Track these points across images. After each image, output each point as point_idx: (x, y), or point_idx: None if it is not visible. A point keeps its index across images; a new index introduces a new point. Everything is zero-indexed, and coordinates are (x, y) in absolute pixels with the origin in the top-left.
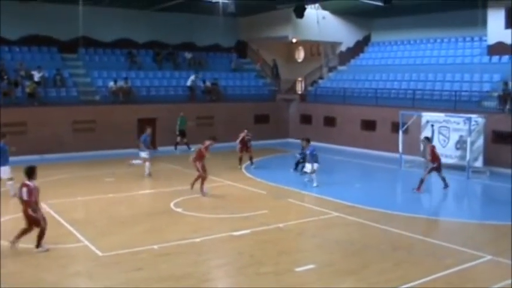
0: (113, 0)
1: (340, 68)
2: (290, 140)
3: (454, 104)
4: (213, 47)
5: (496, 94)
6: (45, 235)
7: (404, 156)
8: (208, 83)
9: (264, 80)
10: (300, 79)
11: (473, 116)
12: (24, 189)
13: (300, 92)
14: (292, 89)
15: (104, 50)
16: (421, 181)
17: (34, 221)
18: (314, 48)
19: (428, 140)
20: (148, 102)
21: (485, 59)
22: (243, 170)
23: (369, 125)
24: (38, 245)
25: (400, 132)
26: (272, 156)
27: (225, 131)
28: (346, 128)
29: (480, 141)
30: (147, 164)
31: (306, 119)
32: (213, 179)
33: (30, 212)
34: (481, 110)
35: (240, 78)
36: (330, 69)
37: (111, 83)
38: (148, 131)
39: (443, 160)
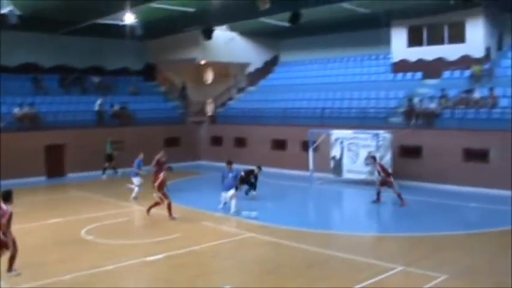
0: (17, 23)
1: (249, 88)
2: (201, 162)
3: (362, 120)
4: (121, 70)
5: (401, 110)
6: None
7: (315, 174)
8: (116, 107)
9: (173, 102)
10: (209, 101)
11: (381, 132)
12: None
13: (209, 114)
14: (201, 111)
15: (8, 74)
16: (399, 195)
17: (4, 245)
18: (223, 70)
19: (375, 159)
20: (56, 128)
21: (390, 76)
22: (154, 194)
23: (279, 145)
24: (10, 269)
25: (310, 150)
26: (184, 179)
27: (136, 155)
28: (256, 148)
29: (388, 156)
30: (136, 188)
31: (217, 141)
32: (124, 204)
33: (1, 235)
34: (387, 125)
35: (149, 101)
36: (239, 90)
37: (16, 109)
38: (141, 155)
39: (353, 176)
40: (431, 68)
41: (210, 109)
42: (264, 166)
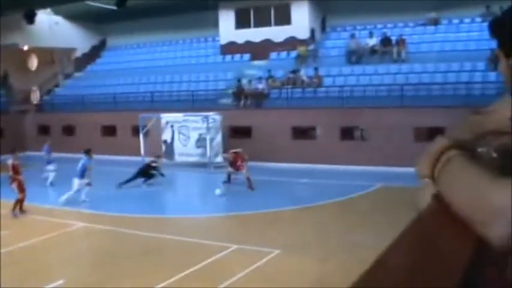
0: None
1: (76, 74)
2: (29, 153)
3: (192, 103)
4: None
5: (231, 91)
6: None
7: (147, 159)
8: None
9: None
10: (34, 88)
11: (211, 113)
12: None
13: (35, 102)
14: (26, 99)
15: None
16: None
17: None
18: (48, 55)
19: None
20: None
21: (219, 58)
22: None
23: (109, 131)
24: None
25: (141, 135)
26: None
27: None
28: (86, 135)
29: (219, 138)
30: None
31: (44, 130)
32: None
33: None
34: (218, 107)
35: None
36: (66, 77)
37: None
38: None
39: (185, 159)
40: (259, 50)
41: (35, 97)
42: (95, 153)
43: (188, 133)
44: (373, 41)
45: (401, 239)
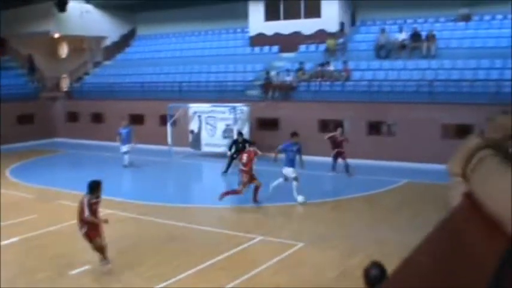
0: None
1: (106, 62)
2: (57, 139)
3: (219, 94)
4: None
5: (259, 83)
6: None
7: (174, 148)
8: None
9: (27, 78)
10: (64, 76)
11: (238, 105)
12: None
13: (65, 89)
14: (56, 86)
15: None
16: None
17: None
18: (78, 43)
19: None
20: None
21: (248, 50)
22: (8, 174)
23: (137, 119)
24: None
25: (168, 125)
26: (39, 158)
27: None
28: (114, 123)
29: (246, 129)
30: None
31: (73, 117)
32: None
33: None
34: (245, 98)
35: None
36: (96, 65)
37: None
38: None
39: (212, 150)
40: (288, 42)
41: (65, 84)
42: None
43: (215, 124)
44: (402, 36)
45: (431, 238)
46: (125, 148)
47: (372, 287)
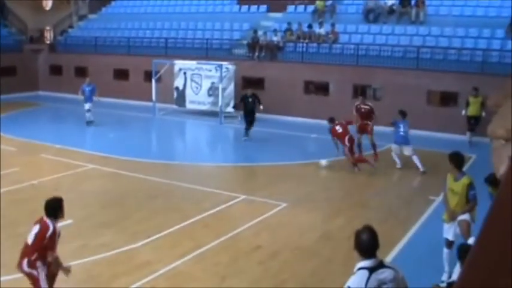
0: None
1: (90, 16)
2: (40, 92)
3: (206, 51)
4: None
5: (245, 42)
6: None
7: (158, 105)
8: None
9: (9, 29)
10: (48, 28)
11: (224, 63)
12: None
13: (48, 42)
14: (40, 38)
15: None
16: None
17: (29, 278)
18: None
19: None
20: None
21: (236, 8)
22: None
23: (121, 74)
24: None
25: (153, 81)
26: (22, 111)
27: None
28: (98, 77)
29: (231, 88)
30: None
31: (56, 70)
32: None
33: (24, 264)
34: (231, 57)
35: None
36: (80, 18)
37: None
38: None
39: (196, 107)
40: (276, 2)
41: (49, 37)
42: (106, 96)
43: (201, 81)
44: (392, 1)
45: (492, 221)
46: (87, 106)
47: (363, 252)
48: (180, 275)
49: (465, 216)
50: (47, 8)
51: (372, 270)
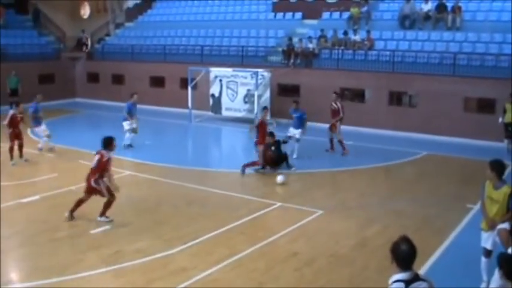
0: None
1: (127, 24)
2: (77, 99)
3: (241, 59)
4: None
5: (280, 49)
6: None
7: (194, 112)
8: None
9: (48, 37)
10: (86, 36)
11: (260, 70)
12: (96, 157)
13: (86, 50)
14: (78, 47)
15: None
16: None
17: (94, 192)
18: (100, 5)
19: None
20: None
21: (271, 15)
22: (29, 133)
23: (157, 82)
24: (103, 214)
25: (189, 88)
26: (60, 118)
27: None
28: (135, 85)
29: (267, 95)
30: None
31: (94, 78)
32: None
33: (92, 182)
34: (267, 64)
35: (21, 36)
36: (117, 26)
37: None
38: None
39: (232, 114)
40: (311, 9)
41: (88, 44)
42: (142, 104)
43: (236, 88)
44: (428, 7)
45: None
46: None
47: (400, 263)
48: (216, 281)
49: (505, 225)
50: (85, 17)
51: (408, 283)
